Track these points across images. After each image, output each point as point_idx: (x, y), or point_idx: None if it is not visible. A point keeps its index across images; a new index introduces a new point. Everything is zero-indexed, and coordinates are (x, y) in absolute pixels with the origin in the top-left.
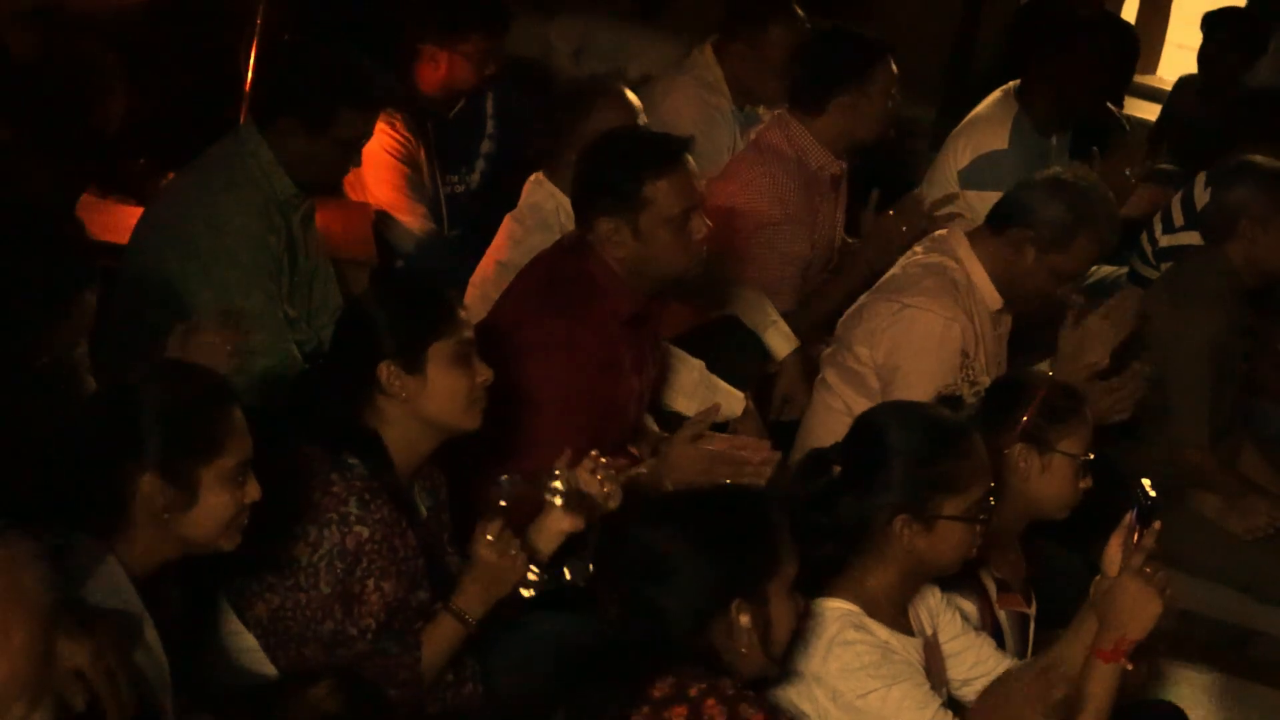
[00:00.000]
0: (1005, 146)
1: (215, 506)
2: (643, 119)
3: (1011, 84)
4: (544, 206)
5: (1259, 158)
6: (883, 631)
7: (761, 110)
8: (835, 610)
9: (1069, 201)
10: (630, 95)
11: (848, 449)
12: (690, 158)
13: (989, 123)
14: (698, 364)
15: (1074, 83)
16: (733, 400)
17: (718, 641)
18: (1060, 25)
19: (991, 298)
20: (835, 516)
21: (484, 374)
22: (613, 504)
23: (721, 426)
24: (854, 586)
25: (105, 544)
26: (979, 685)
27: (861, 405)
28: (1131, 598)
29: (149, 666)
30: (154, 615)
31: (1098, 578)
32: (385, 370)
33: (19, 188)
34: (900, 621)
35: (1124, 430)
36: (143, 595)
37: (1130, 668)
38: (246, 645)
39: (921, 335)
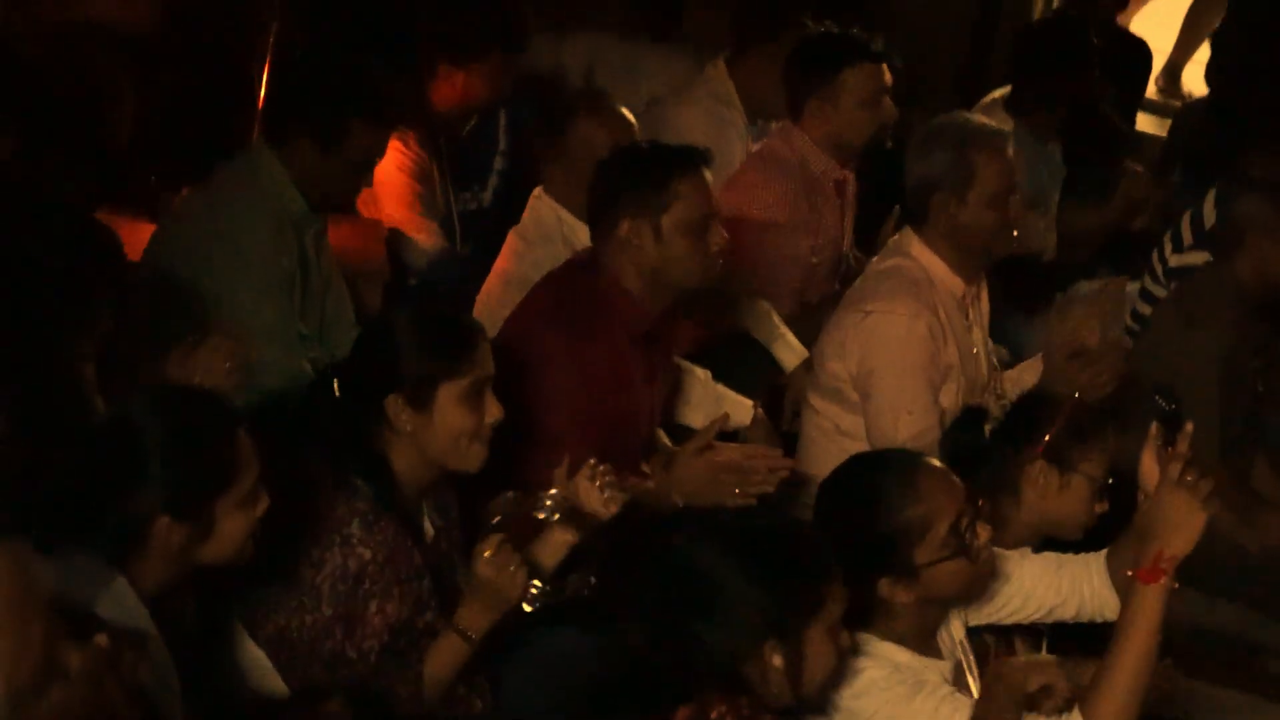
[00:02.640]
0: None
1: (232, 533)
2: (635, 132)
3: (998, 94)
4: (546, 220)
5: (1264, 171)
6: (902, 655)
7: (774, 124)
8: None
9: (941, 143)
10: (621, 110)
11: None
12: (707, 171)
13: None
14: (703, 373)
15: (1074, 90)
16: (741, 408)
17: (750, 676)
18: (1068, 35)
19: (954, 284)
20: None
21: (494, 413)
22: (612, 508)
23: (732, 435)
24: (877, 619)
25: (114, 568)
26: (1038, 615)
27: (846, 420)
28: (1173, 509)
29: (157, 684)
30: (168, 631)
31: (1140, 497)
32: (392, 403)
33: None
34: (928, 646)
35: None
36: (157, 611)
37: (1176, 586)
38: (258, 661)
39: (888, 337)
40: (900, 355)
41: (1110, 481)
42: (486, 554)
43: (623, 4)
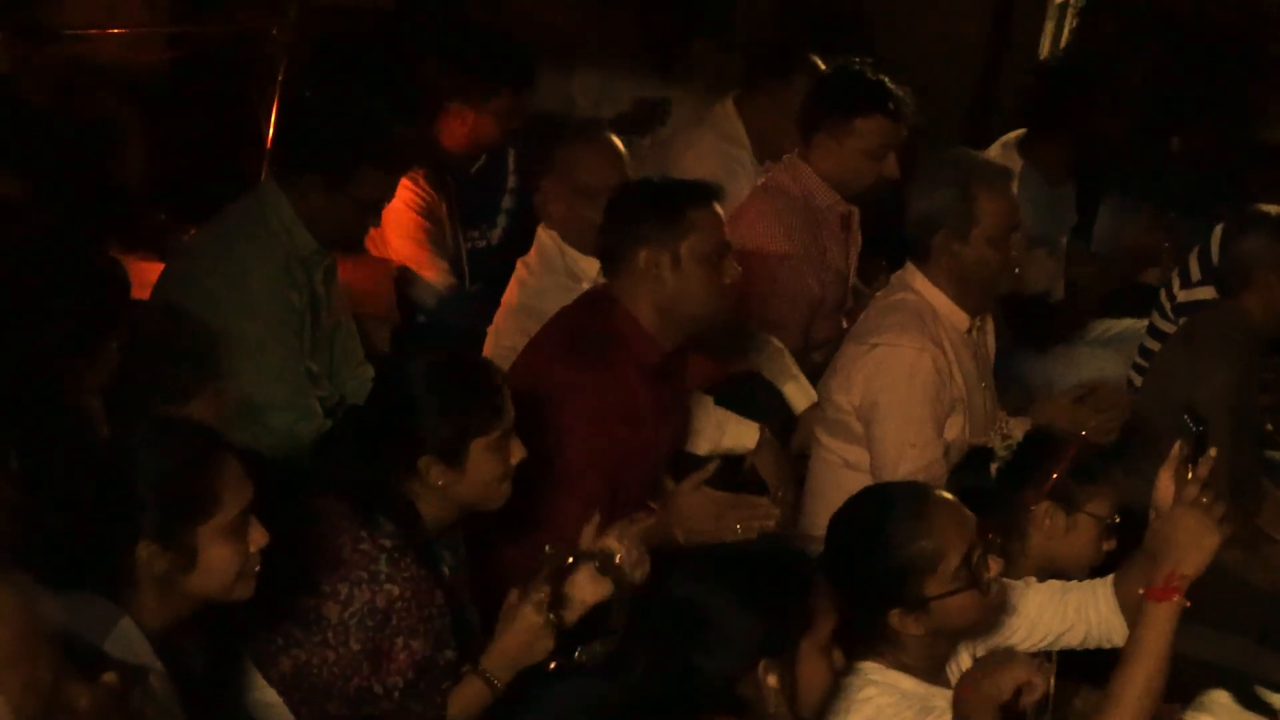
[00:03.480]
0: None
1: (218, 562)
2: (623, 157)
3: (1011, 136)
4: (548, 250)
5: (1269, 207)
6: (907, 682)
7: (784, 157)
8: (857, 671)
9: (944, 181)
10: (611, 139)
11: (825, 557)
12: (717, 205)
13: (1010, 170)
14: (705, 397)
15: (1086, 134)
16: (746, 432)
17: (747, 698)
18: (1080, 80)
19: (959, 319)
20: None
21: (519, 454)
22: (639, 574)
23: (740, 459)
24: (886, 649)
25: (119, 607)
26: (1045, 643)
27: (853, 453)
28: (1187, 529)
29: None
30: (174, 671)
31: (1153, 515)
32: (425, 464)
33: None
34: (937, 677)
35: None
36: (162, 651)
37: (1188, 604)
38: (269, 701)
39: (892, 370)
40: (905, 389)
41: (1117, 520)
42: (538, 597)
43: (632, 42)
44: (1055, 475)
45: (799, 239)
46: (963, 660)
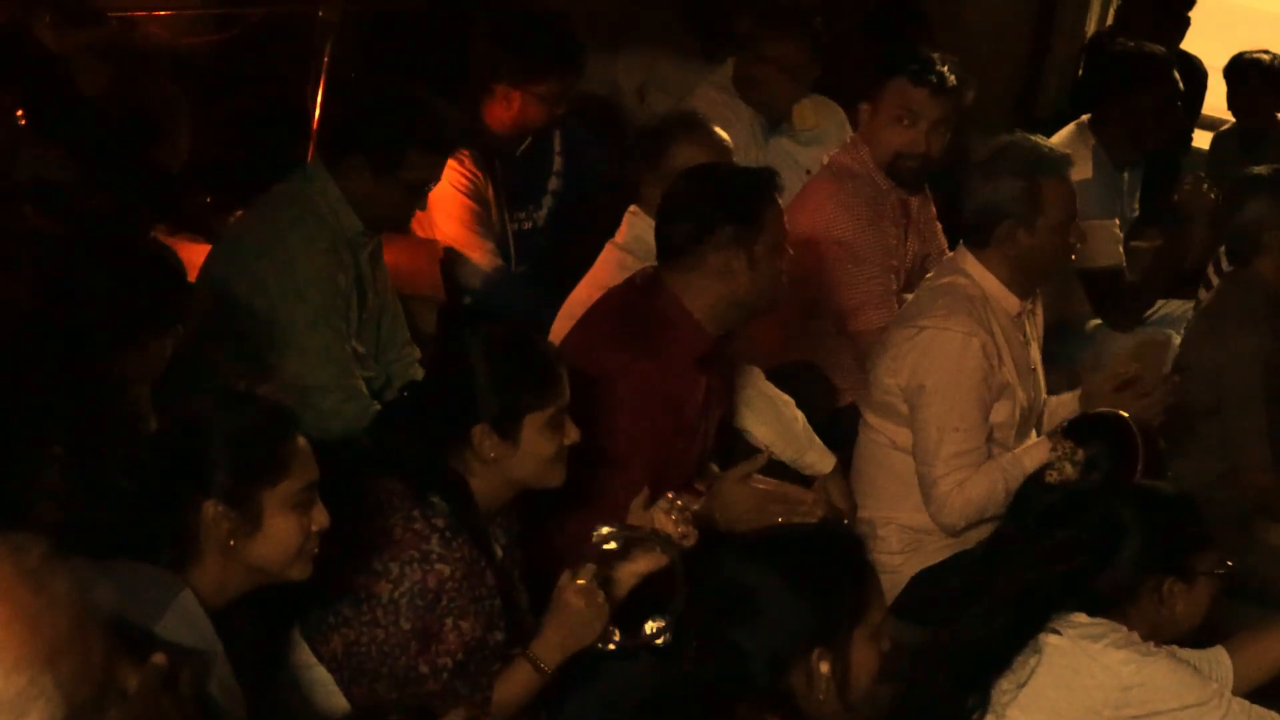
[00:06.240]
0: (1089, 175)
1: (281, 532)
2: (732, 155)
3: (1084, 117)
4: (647, 237)
5: (1260, 170)
6: None
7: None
8: (1078, 626)
9: (1010, 170)
10: (718, 131)
11: (1091, 531)
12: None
13: (1069, 155)
14: (801, 417)
15: (1144, 122)
16: (824, 459)
17: (795, 686)
18: (1130, 63)
19: (1010, 303)
20: (1092, 590)
21: (572, 435)
22: (688, 543)
23: (807, 481)
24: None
25: (181, 577)
26: None
27: (901, 434)
28: None
29: (224, 701)
30: (226, 647)
31: None
32: (479, 433)
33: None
34: None
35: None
36: (216, 628)
37: None
38: (318, 678)
39: (940, 354)
40: (952, 372)
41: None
42: (580, 582)
43: (676, 24)
44: (1139, 468)
45: (866, 217)
46: None
